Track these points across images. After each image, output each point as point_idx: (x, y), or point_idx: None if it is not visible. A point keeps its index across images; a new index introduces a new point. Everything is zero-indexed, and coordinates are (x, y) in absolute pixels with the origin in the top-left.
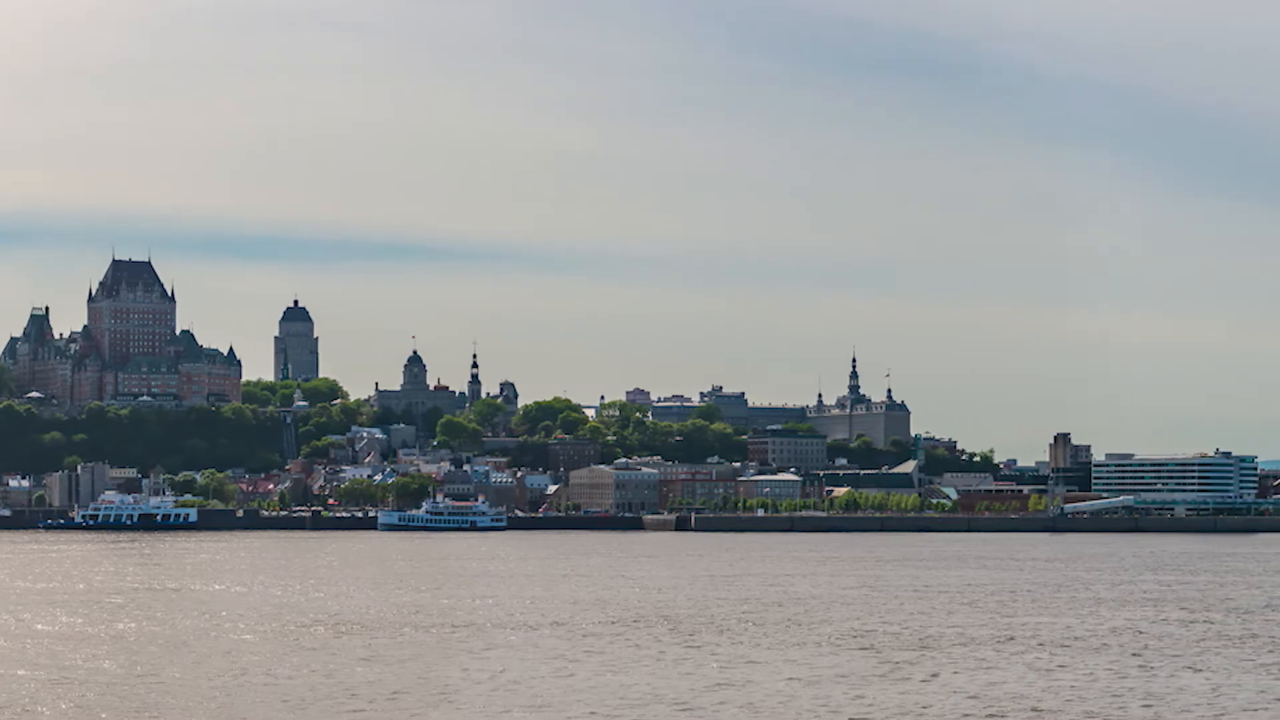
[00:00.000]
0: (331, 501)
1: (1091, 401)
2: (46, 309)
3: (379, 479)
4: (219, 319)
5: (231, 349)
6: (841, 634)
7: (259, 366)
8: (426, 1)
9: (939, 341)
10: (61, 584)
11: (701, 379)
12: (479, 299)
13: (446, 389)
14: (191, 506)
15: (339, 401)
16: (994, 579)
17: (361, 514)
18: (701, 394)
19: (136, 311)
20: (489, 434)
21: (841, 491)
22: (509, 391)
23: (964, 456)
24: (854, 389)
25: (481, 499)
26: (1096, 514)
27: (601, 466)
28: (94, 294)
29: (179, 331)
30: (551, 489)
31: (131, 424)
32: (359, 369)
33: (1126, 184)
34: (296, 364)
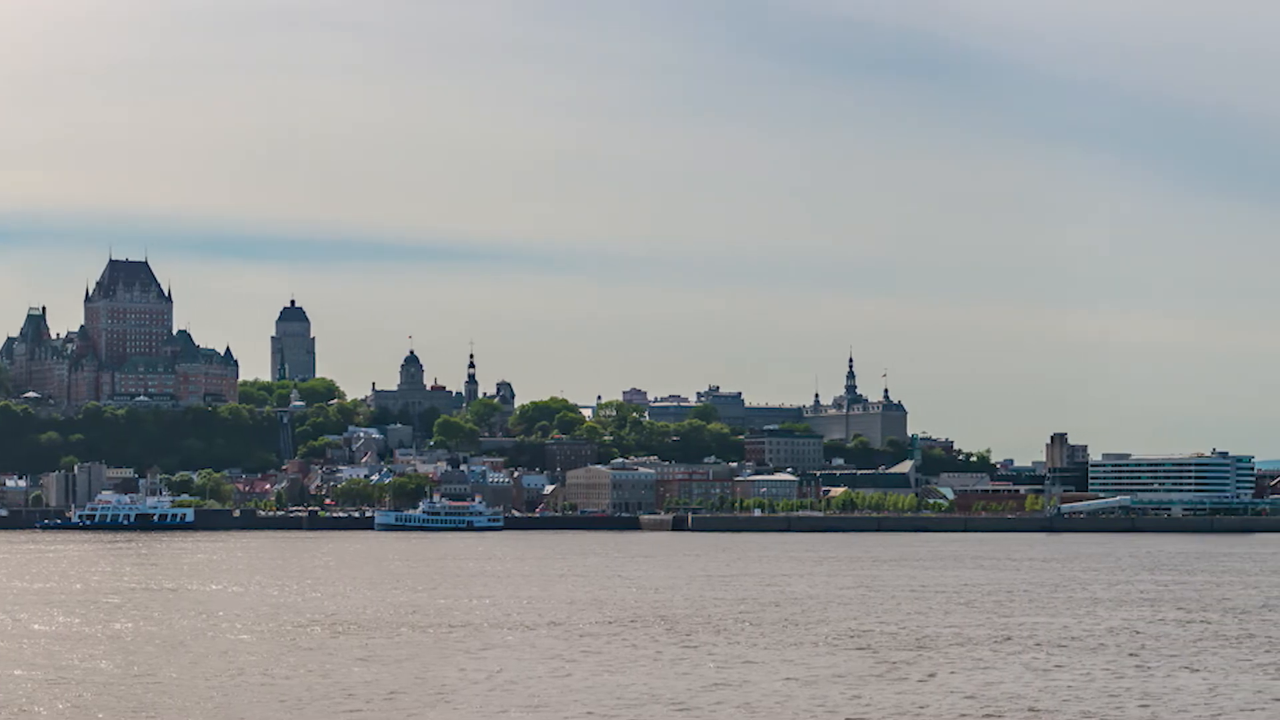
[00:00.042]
0: (328, 501)
1: (1088, 401)
2: (43, 309)
3: (376, 479)
4: (216, 319)
5: (228, 349)
6: (838, 634)
7: (256, 366)
8: (426, 1)
9: (936, 341)
10: (58, 584)
11: (698, 379)
12: (476, 299)
13: (443, 389)
14: (188, 506)
15: (336, 401)
16: (991, 579)
17: (358, 514)
18: (698, 394)
19: (133, 311)
20: (486, 434)
21: (838, 491)
22: (506, 391)
23: (961, 456)
24: (851, 389)
25: (478, 499)
26: (1093, 514)
27: (598, 466)
28: (91, 294)
29: (176, 331)
30: (548, 489)
31: (128, 424)
32: (356, 369)
33: (1126, 184)
34: (293, 364)
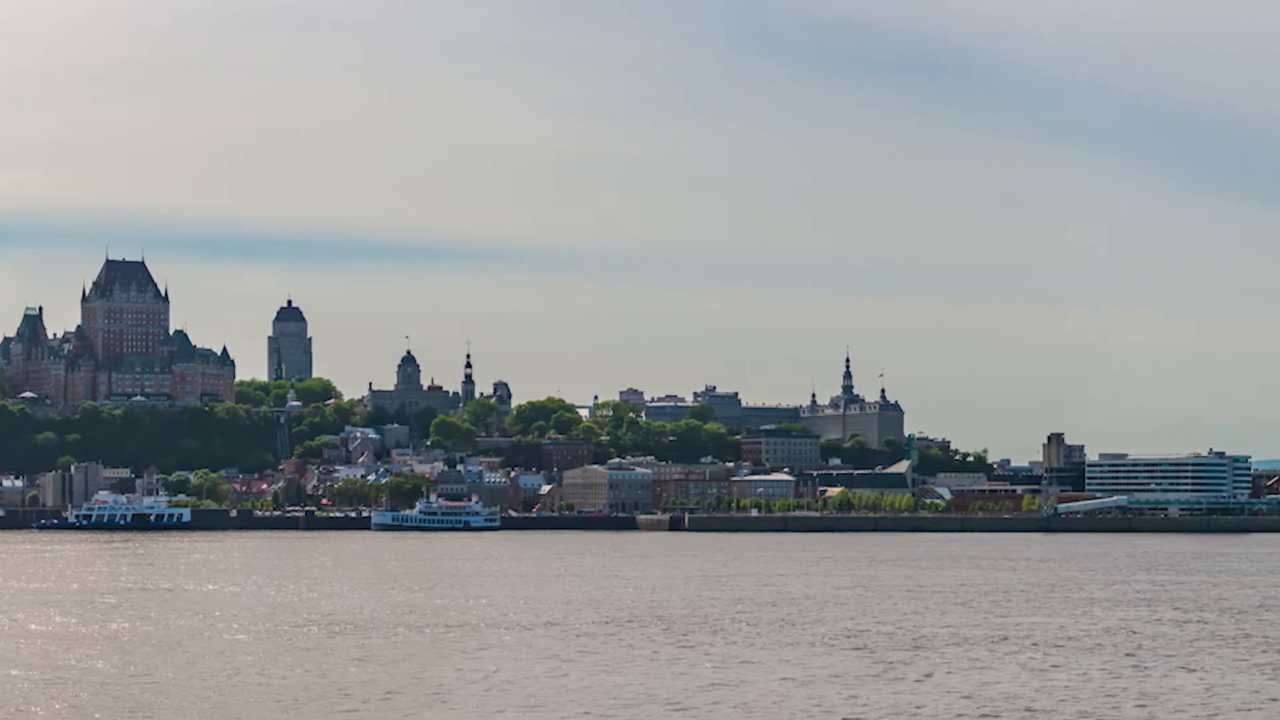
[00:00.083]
0: (325, 501)
1: (1085, 401)
2: (40, 309)
3: (372, 479)
4: (213, 319)
5: (225, 349)
6: (835, 634)
7: (252, 366)
8: (426, 1)
9: (932, 341)
10: (55, 584)
11: (695, 379)
12: (473, 299)
13: (440, 389)
14: (185, 506)
15: (332, 401)
16: (988, 579)
17: (355, 514)
18: (695, 394)
19: (130, 311)
20: (482, 434)
21: (835, 491)
22: (502, 391)
23: (958, 456)
24: (848, 389)
25: (475, 499)
26: (1090, 514)
27: (595, 466)
28: (87, 294)
29: (172, 331)
30: (545, 489)
31: (125, 424)
32: (353, 369)
33: (1126, 184)
34: (290, 364)
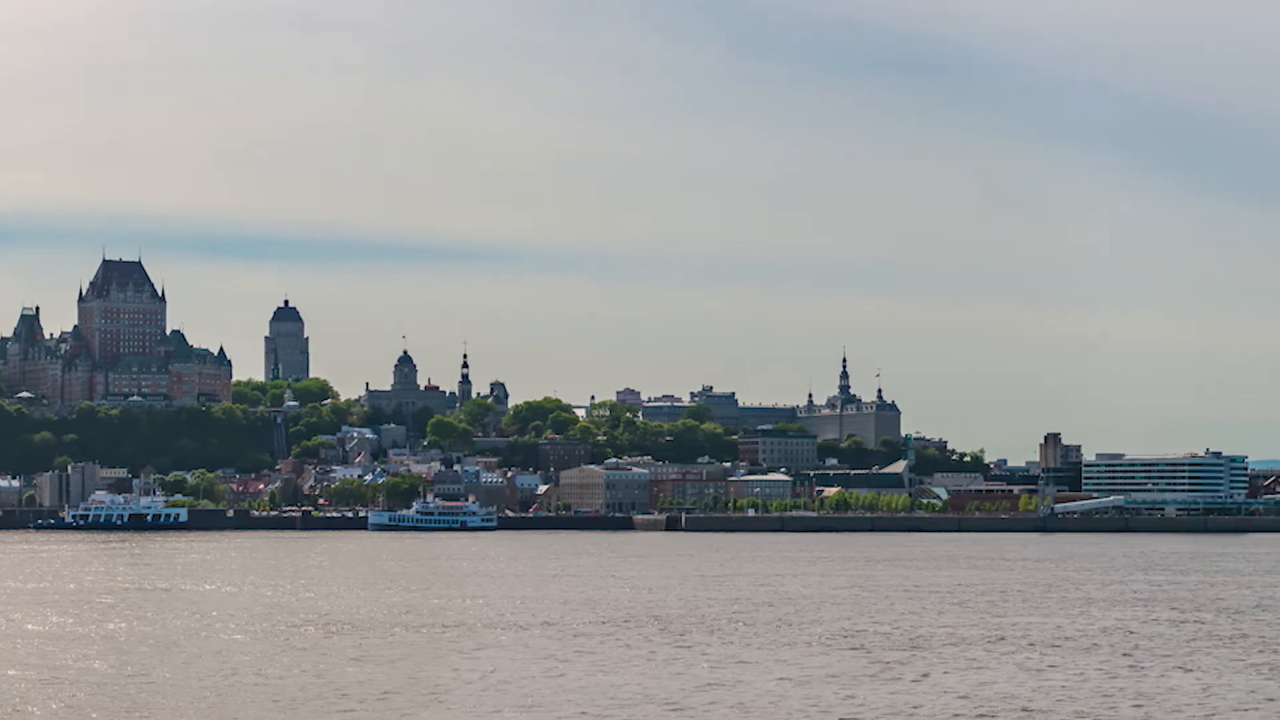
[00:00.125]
0: (322, 501)
1: (1082, 402)
2: (37, 309)
3: (369, 479)
4: (209, 319)
5: (222, 349)
6: (832, 634)
7: (249, 366)
8: (426, 1)
9: (929, 341)
10: (52, 584)
11: (692, 379)
12: (469, 299)
13: (437, 389)
14: (182, 506)
15: (329, 401)
16: (984, 579)
17: (352, 514)
18: (692, 394)
19: (127, 311)
20: (479, 434)
21: (832, 491)
22: (499, 391)
23: (954, 456)
24: (844, 389)
25: (472, 499)
26: (1087, 514)
27: (592, 466)
28: (84, 294)
29: (169, 331)
30: (542, 489)
31: (122, 424)
32: (349, 369)
33: (1126, 184)
34: (287, 364)
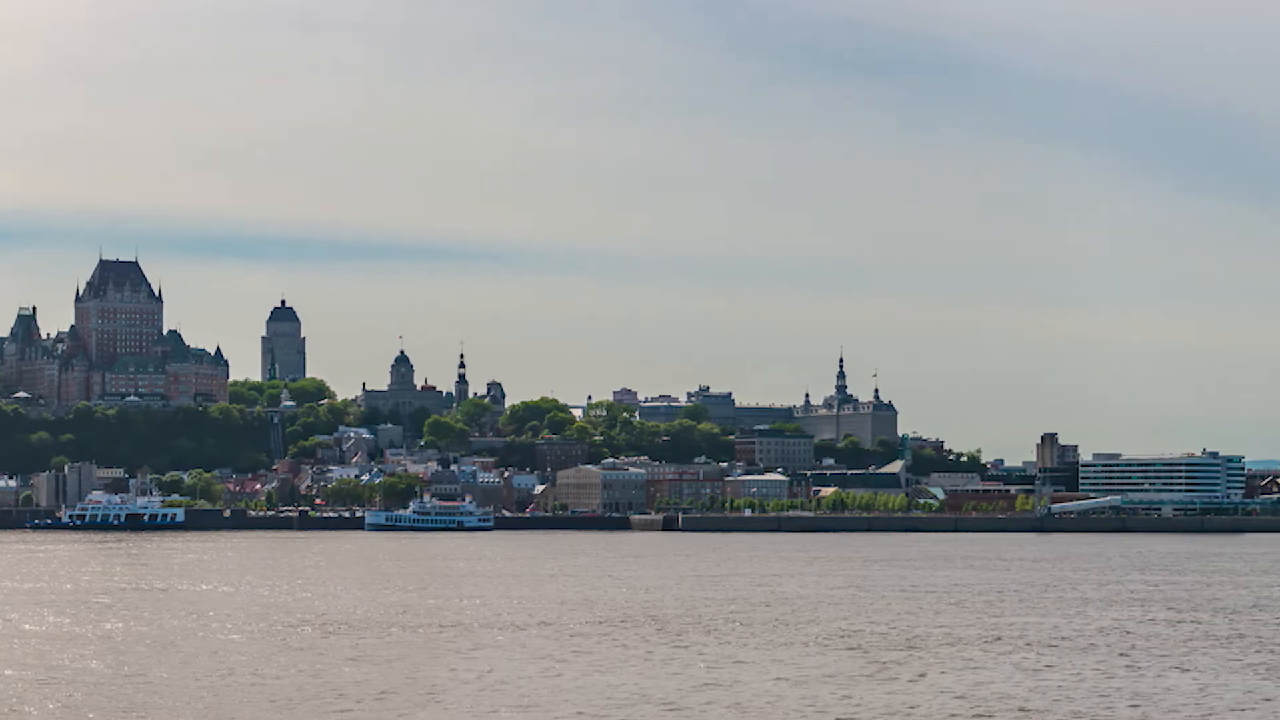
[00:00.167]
0: (319, 501)
1: (1079, 402)
2: (34, 309)
3: (366, 479)
4: (206, 319)
5: (219, 349)
6: (829, 634)
7: (246, 366)
8: (426, 1)
9: (926, 341)
10: (49, 584)
11: (689, 379)
12: (466, 299)
13: (434, 389)
14: (179, 506)
15: (326, 401)
16: (981, 579)
17: (349, 514)
18: (688, 394)
19: (123, 311)
20: (476, 434)
21: (829, 491)
22: (496, 391)
23: (951, 456)
24: (841, 389)
25: (469, 499)
26: (1083, 514)
27: (588, 466)
28: (81, 294)
29: (166, 331)
30: (539, 489)
31: (118, 424)
32: (346, 369)
33: (1126, 184)
34: (283, 364)
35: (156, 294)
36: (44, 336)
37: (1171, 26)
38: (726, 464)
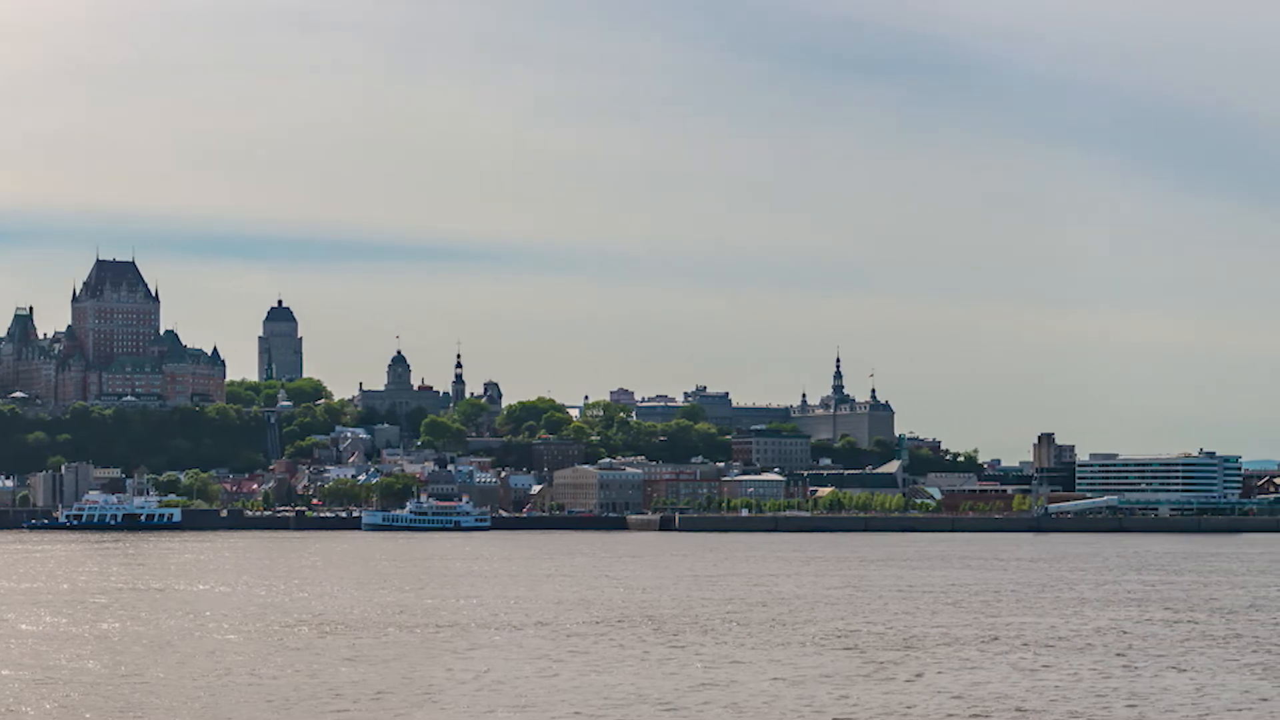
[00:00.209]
0: (315, 501)
1: (1076, 402)
2: (30, 309)
3: (363, 479)
4: (203, 319)
5: (215, 349)
6: (826, 634)
7: (243, 366)
8: (426, 1)
9: (923, 341)
10: (45, 584)
11: (686, 379)
12: (463, 299)
13: (430, 389)
14: (175, 506)
15: (323, 401)
16: (978, 579)
17: (346, 514)
18: (685, 394)
19: (120, 311)
20: (473, 434)
21: (825, 491)
22: (493, 391)
23: (948, 456)
24: (838, 389)
25: (465, 499)
26: (1080, 514)
27: (585, 466)
28: (78, 294)
29: (163, 331)
30: (535, 489)
31: (115, 424)
32: (343, 369)
33: (1126, 184)
34: (280, 364)
35: (153, 294)
36: (41, 336)
37: (1171, 26)
38: (723, 464)
